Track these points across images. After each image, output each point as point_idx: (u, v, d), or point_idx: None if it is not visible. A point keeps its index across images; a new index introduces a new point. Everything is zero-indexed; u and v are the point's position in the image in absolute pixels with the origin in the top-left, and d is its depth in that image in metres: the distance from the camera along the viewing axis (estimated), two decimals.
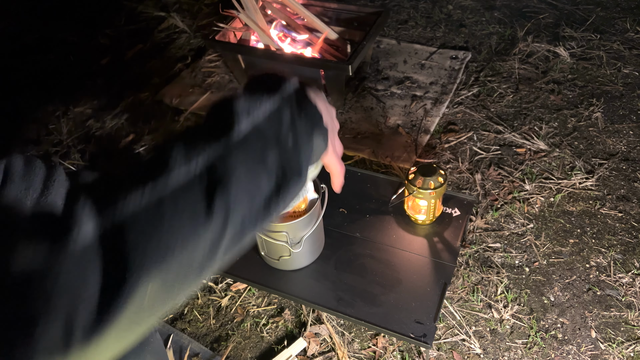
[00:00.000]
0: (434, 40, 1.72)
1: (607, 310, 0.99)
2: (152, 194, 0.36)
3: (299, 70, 1.42)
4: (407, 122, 1.43)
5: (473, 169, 1.28)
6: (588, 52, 1.60)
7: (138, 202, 0.36)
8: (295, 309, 1.05)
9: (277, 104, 0.45)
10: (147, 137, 1.48)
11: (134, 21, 1.99)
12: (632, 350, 0.93)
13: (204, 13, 1.98)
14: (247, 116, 0.42)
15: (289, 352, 0.96)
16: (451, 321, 0.99)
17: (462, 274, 1.06)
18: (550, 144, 1.32)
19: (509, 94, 1.48)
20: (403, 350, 0.96)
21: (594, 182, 1.22)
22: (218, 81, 1.65)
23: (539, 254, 1.09)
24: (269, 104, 0.44)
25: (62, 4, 2.11)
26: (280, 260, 0.94)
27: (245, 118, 0.42)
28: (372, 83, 1.56)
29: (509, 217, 1.16)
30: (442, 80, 1.55)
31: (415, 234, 1.01)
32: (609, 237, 1.11)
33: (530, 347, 0.95)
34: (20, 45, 1.94)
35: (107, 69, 1.78)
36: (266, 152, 0.42)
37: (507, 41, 1.68)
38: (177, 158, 0.38)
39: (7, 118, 1.63)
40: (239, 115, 0.42)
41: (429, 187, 0.93)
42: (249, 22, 1.46)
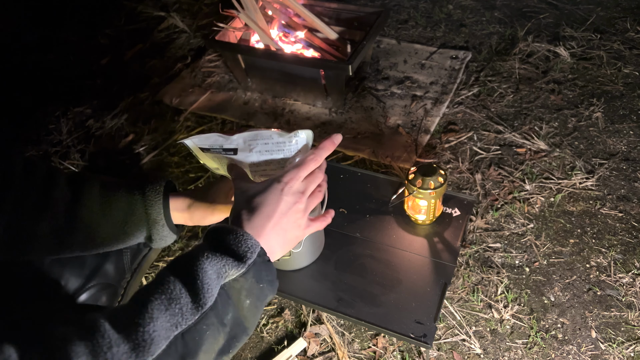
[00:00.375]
0: (434, 40, 1.72)
1: (608, 311, 0.99)
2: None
3: (298, 69, 1.42)
4: (407, 122, 1.42)
5: (473, 169, 1.28)
6: (588, 52, 1.59)
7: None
8: (295, 309, 1.05)
9: (242, 271, 0.53)
10: (147, 137, 1.48)
11: (134, 21, 1.99)
12: (632, 351, 0.93)
13: (204, 13, 1.98)
14: (216, 285, 0.51)
15: (289, 352, 0.96)
16: (451, 321, 0.99)
17: (462, 274, 1.06)
18: (551, 144, 1.32)
19: (509, 93, 1.48)
20: (403, 351, 0.96)
21: (594, 182, 1.22)
22: (218, 81, 1.65)
23: (539, 254, 1.09)
24: (235, 272, 0.53)
25: (62, 4, 2.11)
26: (280, 261, 0.94)
27: (215, 288, 0.51)
28: (372, 83, 1.56)
29: (509, 217, 1.16)
30: (442, 80, 1.55)
31: (415, 234, 1.01)
32: (609, 237, 1.11)
33: (530, 347, 0.95)
34: (20, 45, 1.94)
35: (107, 68, 1.78)
36: (227, 315, 0.52)
37: (508, 41, 1.68)
38: (157, 330, 0.47)
39: (7, 118, 1.63)
40: (209, 289, 0.50)
41: (429, 187, 0.93)
42: (249, 22, 1.46)
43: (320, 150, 0.65)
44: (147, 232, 0.82)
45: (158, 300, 0.48)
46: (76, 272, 0.92)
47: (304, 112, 1.50)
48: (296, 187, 0.62)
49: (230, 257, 0.53)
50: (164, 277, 0.51)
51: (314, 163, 0.63)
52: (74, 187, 0.76)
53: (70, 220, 0.74)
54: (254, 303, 0.56)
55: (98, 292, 0.94)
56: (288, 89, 1.53)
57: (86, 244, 0.79)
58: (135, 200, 0.80)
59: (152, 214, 0.81)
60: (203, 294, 0.50)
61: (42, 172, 0.74)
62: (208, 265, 0.52)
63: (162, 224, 0.82)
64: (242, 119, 1.50)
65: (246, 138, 0.70)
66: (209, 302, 0.51)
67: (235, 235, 0.55)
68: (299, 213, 0.63)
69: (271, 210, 0.60)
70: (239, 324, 0.54)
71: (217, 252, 0.53)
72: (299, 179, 0.62)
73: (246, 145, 0.70)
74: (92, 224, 0.77)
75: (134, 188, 0.81)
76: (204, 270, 0.51)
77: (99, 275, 0.95)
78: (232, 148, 0.71)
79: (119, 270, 0.99)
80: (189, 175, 1.35)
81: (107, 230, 0.78)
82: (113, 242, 0.80)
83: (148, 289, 0.50)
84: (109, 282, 0.97)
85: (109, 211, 0.78)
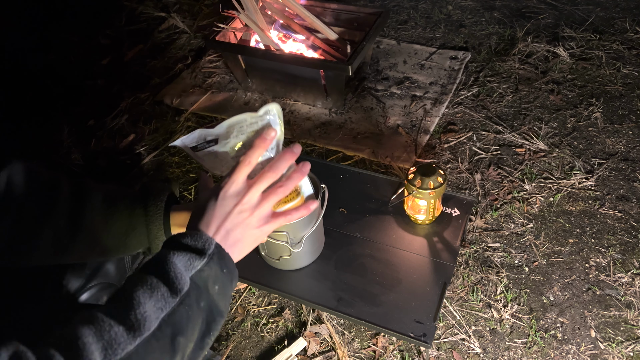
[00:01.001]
0: (433, 41, 1.72)
1: (607, 310, 0.99)
2: (134, 340, 0.50)
3: (298, 70, 1.42)
4: (407, 122, 1.43)
5: (473, 169, 1.28)
6: (587, 52, 1.60)
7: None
8: (295, 308, 1.05)
9: (205, 260, 0.59)
10: (148, 137, 1.49)
11: (135, 21, 1.99)
12: (631, 350, 0.93)
13: (204, 13, 1.99)
14: (186, 274, 0.57)
15: (289, 352, 0.96)
16: (451, 321, 0.99)
17: (462, 274, 1.06)
18: (550, 144, 1.32)
19: (508, 94, 1.49)
20: (403, 350, 0.96)
21: (594, 182, 1.22)
22: (218, 81, 1.66)
23: (538, 254, 1.09)
24: (199, 263, 0.59)
25: (62, 4, 2.12)
26: (280, 260, 0.94)
27: (186, 276, 0.57)
28: (372, 83, 1.56)
29: (508, 217, 1.17)
30: (442, 81, 1.55)
31: (415, 234, 1.01)
32: (608, 237, 1.11)
33: (529, 347, 0.95)
34: (20, 46, 1.95)
35: (108, 69, 1.78)
36: (200, 302, 0.58)
37: (507, 41, 1.68)
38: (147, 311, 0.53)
39: (7, 118, 1.63)
40: (182, 277, 0.57)
41: (429, 187, 0.93)
42: (249, 23, 1.46)
43: (251, 151, 0.67)
44: (147, 245, 0.83)
45: (141, 290, 0.54)
46: (77, 272, 0.92)
47: (304, 113, 1.51)
48: (232, 190, 0.65)
49: (193, 252, 0.59)
50: (140, 275, 0.57)
51: (245, 166, 0.65)
52: (77, 197, 0.76)
53: (72, 231, 0.75)
54: (221, 288, 0.62)
55: (99, 292, 0.95)
56: (288, 90, 1.53)
57: (86, 255, 0.80)
58: (137, 215, 0.81)
59: (152, 230, 0.82)
60: (178, 281, 0.56)
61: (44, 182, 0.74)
62: (176, 259, 0.58)
63: (163, 239, 0.83)
64: None
65: (224, 126, 0.70)
66: (185, 287, 0.56)
67: (191, 236, 0.62)
68: (243, 214, 0.65)
69: (210, 217, 0.64)
70: (212, 309, 0.60)
71: (180, 250, 0.59)
72: (233, 181, 0.65)
73: (226, 132, 0.71)
74: (93, 236, 0.77)
75: (136, 202, 0.82)
76: (174, 264, 0.57)
77: (100, 275, 0.95)
78: (213, 139, 0.72)
79: (120, 271, 0.99)
80: (189, 175, 1.35)
81: (108, 243, 0.79)
82: (113, 253, 0.81)
83: (127, 285, 0.56)
84: (110, 282, 0.97)
85: (111, 224, 0.78)
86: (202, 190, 0.72)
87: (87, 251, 0.79)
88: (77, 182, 0.79)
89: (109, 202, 0.80)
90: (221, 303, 0.62)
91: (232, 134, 0.71)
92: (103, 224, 0.78)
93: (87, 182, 0.80)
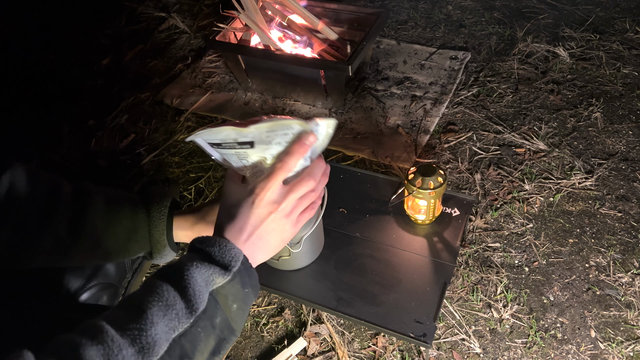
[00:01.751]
0: (433, 41, 1.72)
1: (607, 310, 0.99)
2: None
3: (298, 70, 1.42)
4: (407, 122, 1.43)
5: (473, 169, 1.28)
6: (587, 52, 1.60)
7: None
8: (295, 308, 1.05)
9: (228, 279, 0.57)
10: (148, 138, 1.49)
11: (135, 22, 2.00)
12: (631, 350, 0.93)
13: (204, 13, 1.99)
14: (205, 291, 0.55)
15: (289, 352, 0.96)
16: (451, 321, 0.99)
17: (462, 274, 1.07)
18: (550, 144, 1.32)
19: (508, 94, 1.49)
20: (403, 350, 0.96)
21: (594, 182, 1.22)
22: (218, 81, 1.66)
23: (538, 254, 1.09)
24: (221, 280, 0.56)
25: (62, 4, 2.12)
26: (280, 261, 0.94)
27: (205, 293, 0.55)
28: (372, 83, 1.57)
29: (508, 217, 1.17)
30: (442, 81, 1.55)
31: (415, 234, 1.01)
32: (608, 237, 1.11)
33: (529, 347, 0.95)
34: (20, 46, 1.95)
35: (108, 69, 1.78)
36: (216, 319, 0.56)
37: (507, 41, 1.68)
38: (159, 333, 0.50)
39: (7, 118, 1.63)
40: (200, 295, 0.54)
41: (429, 187, 0.93)
42: (249, 23, 1.46)
43: (288, 157, 0.63)
44: (148, 250, 0.83)
45: (156, 307, 0.51)
46: (77, 271, 0.92)
47: (304, 113, 1.51)
48: (268, 198, 0.62)
49: (217, 266, 0.56)
50: (158, 285, 0.53)
51: (282, 172, 0.63)
52: (78, 201, 0.76)
53: (73, 236, 0.75)
54: (240, 307, 0.59)
55: (99, 291, 0.95)
56: (288, 90, 1.53)
57: (87, 259, 0.80)
58: (140, 220, 0.81)
59: (155, 235, 0.82)
60: (195, 299, 0.53)
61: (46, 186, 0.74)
62: (197, 273, 0.55)
63: (164, 244, 0.83)
64: (242, 119, 1.50)
65: (263, 129, 0.64)
66: (201, 307, 0.54)
67: (219, 247, 0.58)
68: (277, 221, 0.63)
69: (243, 223, 0.61)
70: (227, 327, 0.58)
71: (204, 262, 0.56)
72: (269, 189, 0.62)
73: (264, 136, 0.64)
74: (95, 240, 0.77)
75: (138, 206, 0.82)
76: (194, 279, 0.54)
77: (100, 275, 0.95)
78: (248, 141, 0.65)
79: (119, 270, 0.99)
80: (189, 175, 1.36)
81: (110, 247, 0.79)
82: (114, 257, 0.81)
83: (143, 295, 0.53)
84: (110, 281, 0.97)
85: (113, 228, 0.78)
86: (230, 185, 0.67)
87: (89, 255, 0.79)
88: (78, 186, 0.78)
89: (110, 206, 0.80)
90: (237, 322, 0.59)
91: (273, 139, 0.65)
92: (105, 228, 0.78)
93: (87, 186, 0.80)
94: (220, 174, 1.34)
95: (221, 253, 0.58)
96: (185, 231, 0.86)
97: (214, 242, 0.59)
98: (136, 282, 1.04)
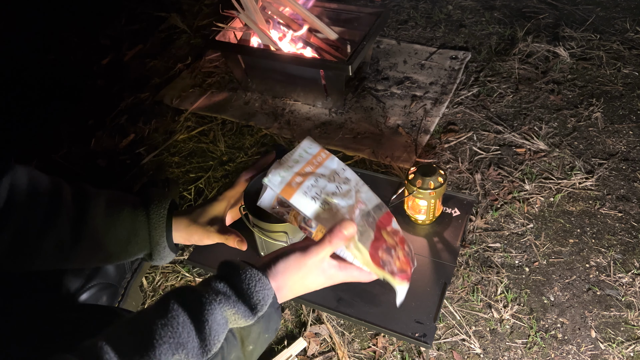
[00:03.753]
0: (433, 41, 1.72)
1: (607, 310, 0.99)
2: None
3: (298, 70, 1.42)
4: (407, 122, 1.43)
5: (473, 169, 1.28)
6: (588, 52, 1.60)
7: None
8: (295, 308, 1.05)
9: (251, 323, 0.53)
10: (148, 137, 1.48)
11: (135, 21, 1.99)
12: (632, 350, 0.93)
13: (204, 13, 1.99)
14: (222, 330, 0.51)
15: (289, 352, 0.96)
16: (451, 321, 0.99)
17: (462, 274, 1.06)
18: (550, 144, 1.32)
19: (508, 94, 1.48)
20: (403, 350, 0.96)
21: (594, 182, 1.22)
22: (218, 81, 1.66)
23: (538, 254, 1.09)
24: (243, 322, 0.53)
25: (62, 4, 2.12)
26: None
27: (222, 333, 0.51)
28: (372, 83, 1.56)
29: (508, 217, 1.16)
30: (442, 81, 1.55)
31: (415, 234, 1.01)
32: (608, 237, 1.11)
33: (530, 347, 0.95)
34: (20, 46, 1.95)
35: (108, 69, 1.78)
36: (230, 355, 0.53)
37: (507, 41, 1.68)
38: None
39: (7, 118, 1.63)
40: (217, 337, 0.50)
41: (429, 187, 0.93)
42: (249, 23, 1.46)
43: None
44: (148, 251, 0.83)
45: (167, 344, 0.47)
46: (77, 272, 0.92)
47: (304, 113, 1.51)
48: (335, 278, 0.65)
49: (243, 305, 0.52)
50: (174, 313, 0.49)
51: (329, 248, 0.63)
52: (79, 204, 0.76)
53: (75, 238, 0.75)
54: (256, 349, 0.57)
55: (99, 291, 0.95)
56: (288, 89, 1.53)
57: (88, 261, 0.80)
58: (140, 222, 0.81)
59: (155, 236, 0.82)
60: (210, 340, 0.49)
61: (46, 188, 0.74)
62: (219, 310, 0.50)
63: (164, 246, 0.83)
64: (242, 119, 1.50)
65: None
66: (215, 349, 0.50)
67: (254, 282, 0.53)
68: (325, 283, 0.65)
69: (295, 277, 0.60)
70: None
71: (230, 297, 0.52)
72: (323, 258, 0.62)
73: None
74: (95, 243, 0.77)
75: (138, 208, 0.82)
76: (214, 316, 0.50)
77: (100, 275, 0.95)
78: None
79: (119, 271, 0.99)
80: (189, 175, 1.35)
81: (110, 249, 0.79)
82: (114, 259, 0.81)
83: (156, 324, 0.48)
84: (110, 282, 0.97)
85: (113, 230, 0.78)
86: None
87: (89, 257, 0.79)
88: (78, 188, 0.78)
89: (111, 208, 0.80)
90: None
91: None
92: (105, 230, 0.78)
93: (87, 188, 0.80)
94: (220, 173, 1.34)
95: (250, 290, 0.53)
96: (180, 232, 0.86)
97: (250, 275, 0.54)
98: (135, 282, 1.04)
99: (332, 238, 0.61)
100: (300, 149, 0.75)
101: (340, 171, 0.75)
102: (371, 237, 0.69)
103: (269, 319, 0.56)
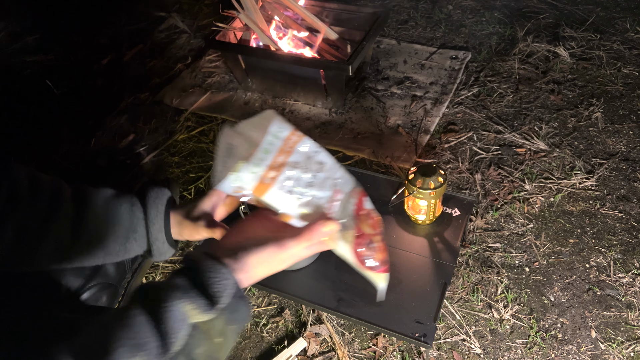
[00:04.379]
0: (434, 40, 1.72)
1: (607, 310, 0.99)
2: None
3: (298, 70, 1.42)
4: (407, 122, 1.43)
5: (473, 169, 1.28)
6: (588, 52, 1.60)
7: None
8: (295, 309, 1.05)
9: (212, 317, 0.52)
10: (148, 137, 1.48)
11: (134, 21, 1.99)
12: (632, 350, 0.93)
13: (204, 13, 1.99)
14: (182, 327, 0.50)
15: (289, 352, 0.96)
16: (451, 321, 0.99)
17: (462, 274, 1.06)
18: (550, 144, 1.32)
19: (508, 94, 1.48)
20: (403, 350, 0.96)
21: (594, 182, 1.22)
22: (218, 81, 1.65)
23: (539, 254, 1.09)
24: (202, 316, 0.51)
25: (62, 4, 2.12)
26: None
27: (182, 329, 0.50)
28: (372, 83, 1.56)
29: (509, 217, 1.16)
30: (442, 80, 1.55)
31: (415, 234, 1.01)
32: (609, 237, 1.11)
33: (530, 347, 0.95)
34: (20, 45, 1.95)
35: (108, 69, 1.78)
36: (197, 349, 0.51)
37: (507, 41, 1.68)
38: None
39: (7, 118, 1.63)
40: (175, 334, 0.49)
41: (429, 187, 0.93)
42: (249, 23, 1.46)
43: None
44: (147, 248, 0.83)
45: (126, 346, 0.47)
46: (77, 272, 0.92)
47: (304, 113, 1.50)
48: (285, 257, 0.61)
49: (201, 299, 0.52)
50: (133, 312, 0.49)
51: (307, 243, 0.61)
52: (79, 203, 0.76)
53: (75, 237, 0.75)
54: (226, 341, 0.56)
55: (99, 292, 0.95)
56: (288, 89, 1.53)
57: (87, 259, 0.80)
58: (138, 218, 0.81)
59: (153, 232, 0.82)
60: (169, 339, 0.49)
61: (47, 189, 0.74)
62: (177, 307, 0.50)
63: (163, 241, 0.83)
64: (242, 119, 1.50)
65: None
66: (175, 347, 0.50)
67: (210, 270, 0.53)
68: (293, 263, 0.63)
69: (265, 268, 0.60)
70: (209, 356, 0.54)
71: (188, 292, 0.51)
72: (292, 252, 0.60)
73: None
74: (95, 241, 0.77)
75: (136, 205, 0.82)
76: (172, 313, 0.50)
77: (100, 275, 0.95)
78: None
79: (119, 270, 0.99)
80: (189, 175, 1.35)
81: (110, 247, 0.79)
82: (114, 257, 0.81)
83: (116, 322, 0.48)
84: (110, 282, 0.97)
85: (112, 228, 0.79)
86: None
87: (89, 256, 0.79)
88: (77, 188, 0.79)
89: (109, 206, 0.80)
90: (222, 352, 0.56)
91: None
92: (105, 228, 0.78)
93: (86, 188, 0.80)
94: None
95: (209, 282, 0.52)
96: (174, 228, 0.86)
97: (206, 263, 0.54)
98: (135, 282, 1.04)
99: (311, 235, 0.60)
100: (270, 135, 0.66)
101: (312, 154, 0.67)
102: (353, 233, 0.66)
103: (233, 309, 0.55)
